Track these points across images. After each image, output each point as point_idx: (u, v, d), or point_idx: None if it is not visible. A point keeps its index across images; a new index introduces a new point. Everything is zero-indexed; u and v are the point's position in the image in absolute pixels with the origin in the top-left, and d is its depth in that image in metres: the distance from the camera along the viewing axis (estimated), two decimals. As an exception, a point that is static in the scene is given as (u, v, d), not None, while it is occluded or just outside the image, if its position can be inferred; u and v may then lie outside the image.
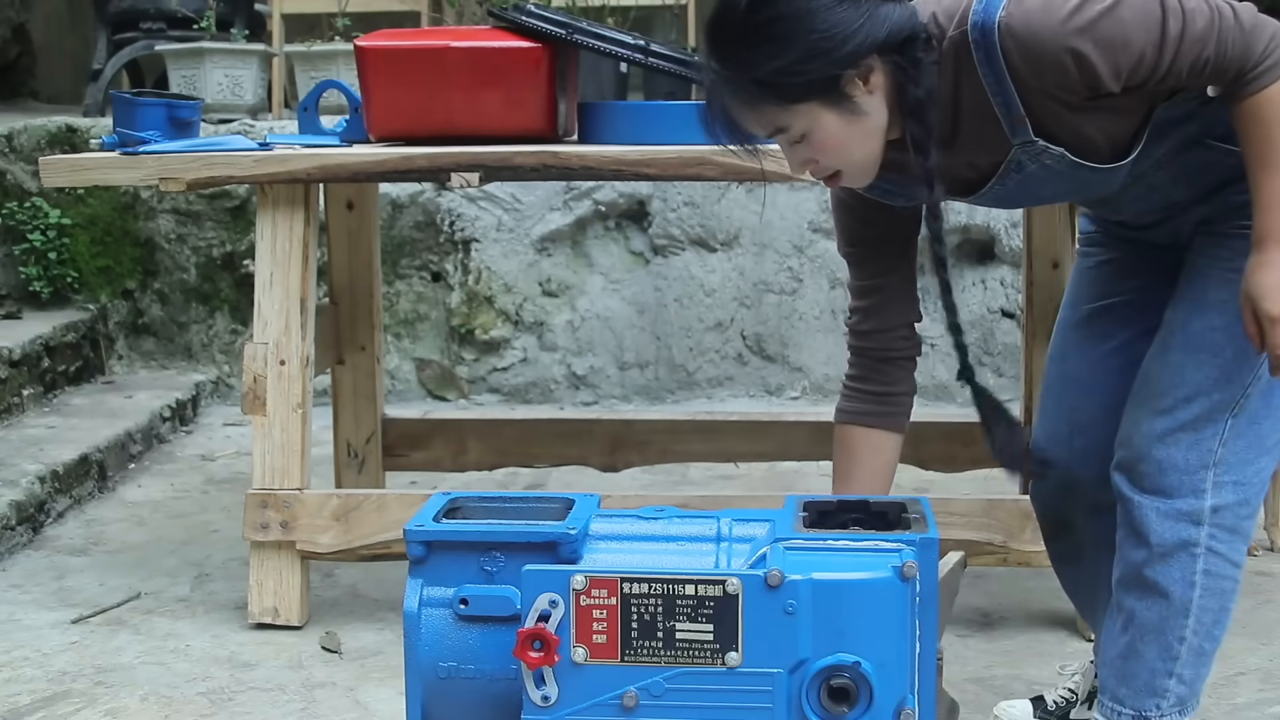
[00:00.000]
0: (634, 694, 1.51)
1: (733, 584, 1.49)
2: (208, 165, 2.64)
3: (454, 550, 1.62)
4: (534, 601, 1.52)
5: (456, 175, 2.58)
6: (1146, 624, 1.88)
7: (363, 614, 2.78)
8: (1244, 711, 2.31)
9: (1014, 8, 1.65)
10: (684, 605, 1.51)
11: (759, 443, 3.33)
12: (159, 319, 4.76)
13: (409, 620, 1.60)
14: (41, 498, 3.37)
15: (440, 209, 4.66)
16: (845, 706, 1.50)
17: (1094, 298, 2.08)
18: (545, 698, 1.52)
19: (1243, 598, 2.82)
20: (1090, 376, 2.07)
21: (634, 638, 1.51)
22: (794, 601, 1.48)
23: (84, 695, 2.42)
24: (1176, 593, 1.88)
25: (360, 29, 4.54)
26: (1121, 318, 2.04)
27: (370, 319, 3.26)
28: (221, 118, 4.68)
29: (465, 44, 2.71)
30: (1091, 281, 2.09)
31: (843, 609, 1.50)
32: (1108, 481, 1.92)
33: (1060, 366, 2.14)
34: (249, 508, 2.68)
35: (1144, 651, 1.89)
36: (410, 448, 3.31)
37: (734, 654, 1.50)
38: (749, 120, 1.69)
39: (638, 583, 1.51)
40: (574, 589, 1.51)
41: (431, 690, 1.60)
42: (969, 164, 1.81)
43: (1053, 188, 1.84)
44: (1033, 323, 3.18)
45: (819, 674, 1.50)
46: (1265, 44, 1.66)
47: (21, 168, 4.67)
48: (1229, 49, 1.65)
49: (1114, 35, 1.63)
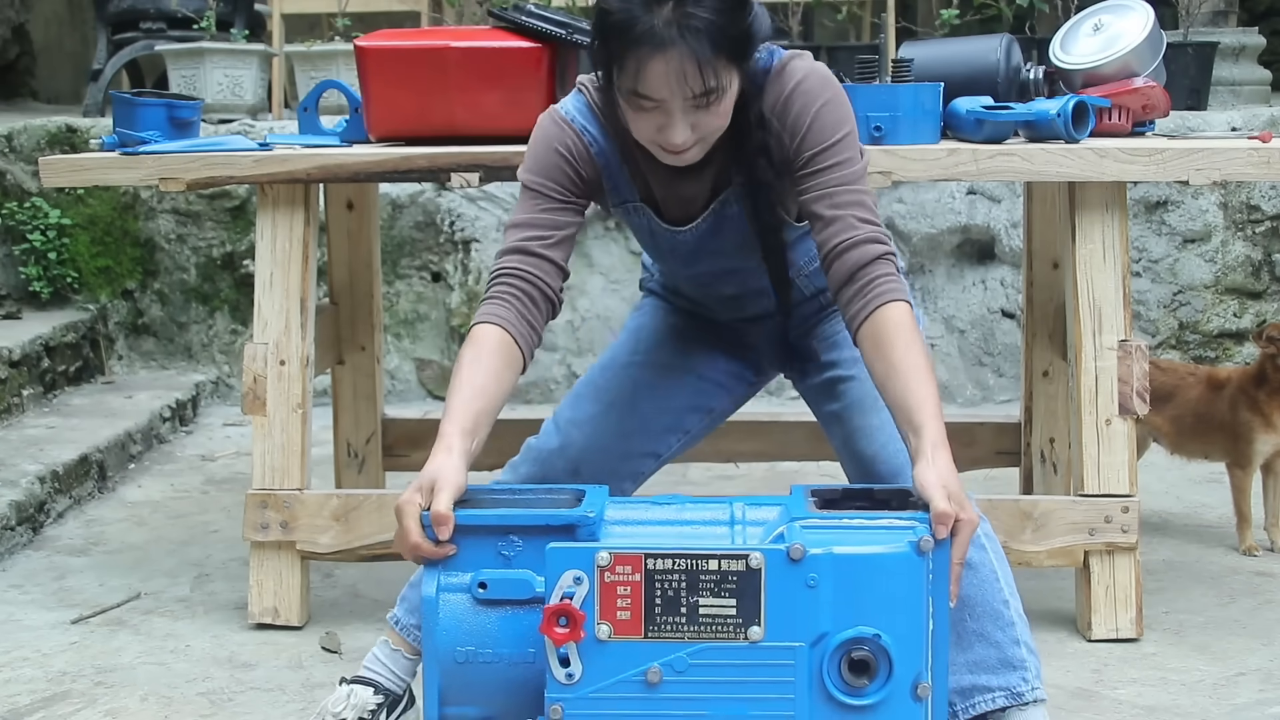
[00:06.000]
0: (658, 670, 1.53)
1: (755, 558, 1.52)
2: (208, 165, 2.64)
3: (472, 535, 1.64)
4: (558, 579, 1.54)
5: (456, 175, 2.58)
6: (968, 600, 1.89)
7: (363, 614, 2.78)
8: (1244, 712, 2.31)
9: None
10: (707, 580, 1.53)
11: (759, 443, 3.32)
12: (159, 319, 4.76)
13: (427, 606, 1.62)
14: (41, 498, 3.37)
15: (440, 209, 4.66)
16: (866, 679, 1.52)
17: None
18: (570, 675, 1.54)
19: (1243, 597, 2.83)
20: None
21: (658, 614, 1.54)
22: (815, 575, 1.52)
23: (84, 695, 2.41)
24: (974, 557, 1.90)
25: (360, 29, 4.54)
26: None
27: (370, 319, 3.26)
28: (221, 118, 4.68)
29: (465, 44, 2.71)
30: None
31: (862, 582, 1.52)
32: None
33: None
34: (249, 508, 2.67)
35: (981, 629, 1.90)
36: (410, 448, 3.31)
37: (756, 628, 1.53)
38: (695, 73, 1.74)
39: (662, 559, 1.54)
40: (599, 565, 1.54)
41: (449, 675, 1.60)
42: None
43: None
44: (1033, 323, 3.19)
45: (840, 647, 1.52)
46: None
47: (21, 168, 4.67)
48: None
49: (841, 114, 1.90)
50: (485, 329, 1.88)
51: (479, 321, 1.90)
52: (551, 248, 1.95)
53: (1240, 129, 4.33)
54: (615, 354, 2.25)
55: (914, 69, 2.65)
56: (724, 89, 1.78)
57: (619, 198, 2.04)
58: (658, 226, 2.06)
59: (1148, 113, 2.73)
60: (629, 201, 2.05)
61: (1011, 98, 2.74)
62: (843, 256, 1.85)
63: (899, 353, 1.76)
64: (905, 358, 1.75)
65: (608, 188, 2.03)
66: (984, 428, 3.27)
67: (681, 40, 1.72)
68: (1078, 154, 2.51)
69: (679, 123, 1.79)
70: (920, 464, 1.67)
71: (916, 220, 4.57)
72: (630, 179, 2.02)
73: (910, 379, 1.74)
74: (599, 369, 2.23)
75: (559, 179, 1.97)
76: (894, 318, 1.79)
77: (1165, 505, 3.49)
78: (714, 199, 2.01)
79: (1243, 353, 4.51)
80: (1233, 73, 4.95)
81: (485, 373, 1.84)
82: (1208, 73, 4.62)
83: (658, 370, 2.20)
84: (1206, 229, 4.53)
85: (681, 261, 2.13)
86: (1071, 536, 2.57)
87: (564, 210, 1.97)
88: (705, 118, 1.80)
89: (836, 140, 1.89)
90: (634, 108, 1.81)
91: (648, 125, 1.82)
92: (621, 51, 1.76)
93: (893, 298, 1.81)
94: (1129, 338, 2.58)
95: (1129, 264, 2.61)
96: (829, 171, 1.88)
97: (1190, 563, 3.06)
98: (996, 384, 4.58)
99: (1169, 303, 4.56)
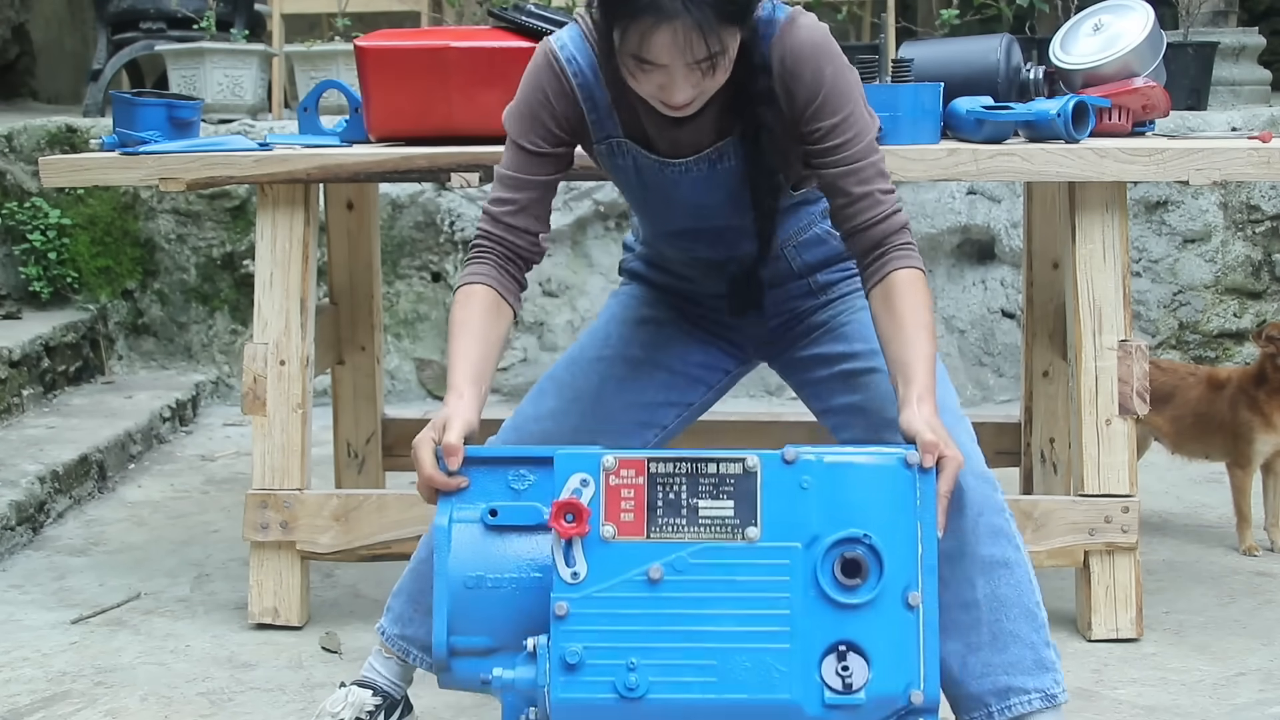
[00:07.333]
0: (659, 568, 1.61)
1: (752, 460, 1.63)
2: (208, 165, 2.64)
3: (482, 467, 1.72)
4: (566, 481, 1.63)
5: (456, 175, 2.58)
6: (1005, 600, 1.88)
7: (363, 614, 2.78)
8: (1244, 712, 2.31)
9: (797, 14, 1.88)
10: (707, 483, 1.63)
11: (759, 443, 3.32)
12: (159, 319, 4.76)
13: (439, 534, 1.69)
14: (41, 498, 3.37)
15: (440, 209, 4.66)
16: (858, 579, 1.59)
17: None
18: (575, 574, 1.61)
19: (1243, 598, 2.83)
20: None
21: (659, 515, 1.62)
22: (809, 477, 1.62)
23: (84, 695, 2.41)
24: (1011, 556, 1.91)
25: (360, 29, 4.54)
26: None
27: (370, 319, 3.26)
28: (221, 118, 4.68)
29: (465, 44, 2.71)
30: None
31: (853, 488, 1.62)
32: None
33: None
34: (249, 508, 2.67)
35: (1016, 630, 1.89)
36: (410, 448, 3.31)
37: (753, 529, 1.61)
38: (700, 40, 1.73)
39: (663, 462, 1.64)
40: (604, 468, 1.64)
41: (458, 600, 1.67)
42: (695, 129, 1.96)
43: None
44: (1033, 323, 3.19)
45: (833, 548, 1.60)
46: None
47: (21, 168, 4.67)
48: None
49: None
50: (471, 288, 1.95)
51: (464, 283, 1.96)
52: (524, 213, 1.98)
53: (1240, 129, 4.33)
54: (583, 349, 2.21)
55: (914, 69, 2.65)
56: (726, 51, 1.77)
57: (602, 133, 2.00)
58: (645, 162, 2.00)
59: (1148, 113, 2.73)
60: (612, 137, 2.00)
61: (1011, 98, 2.74)
62: (870, 230, 1.90)
63: (907, 312, 1.84)
64: (913, 316, 1.84)
65: (591, 122, 1.99)
66: (984, 428, 3.24)
67: (685, 11, 1.70)
68: (1078, 154, 2.51)
69: (681, 84, 1.78)
70: (906, 409, 1.75)
71: (916, 220, 4.56)
72: (617, 116, 1.98)
73: (914, 336, 1.82)
74: (564, 365, 2.19)
75: (538, 130, 1.97)
76: (906, 278, 1.87)
77: (1165, 505, 3.49)
78: (711, 147, 1.98)
79: (1243, 353, 4.51)
80: (1233, 73, 4.95)
81: (479, 327, 1.91)
82: (1208, 73, 4.62)
83: (627, 365, 2.17)
84: (1206, 229, 4.53)
85: (665, 207, 2.08)
86: (1071, 536, 2.57)
87: (544, 161, 1.98)
88: (707, 79, 1.79)
89: (851, 110, 1.89)
90: (635, 69, 1.79)
91: (649, 84, 1.80)
92: (624, 18, 1.74)
93: (908, 263, 1.88)
94: (1129, 338, 2.58)
95: (1129, 264, 2.61)
96: (849, 146, 1.88)
97: (1190, 563, 3.06)
98: (996, 384, 4.58)
99: (1169, 303, 4.56)
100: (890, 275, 1.87)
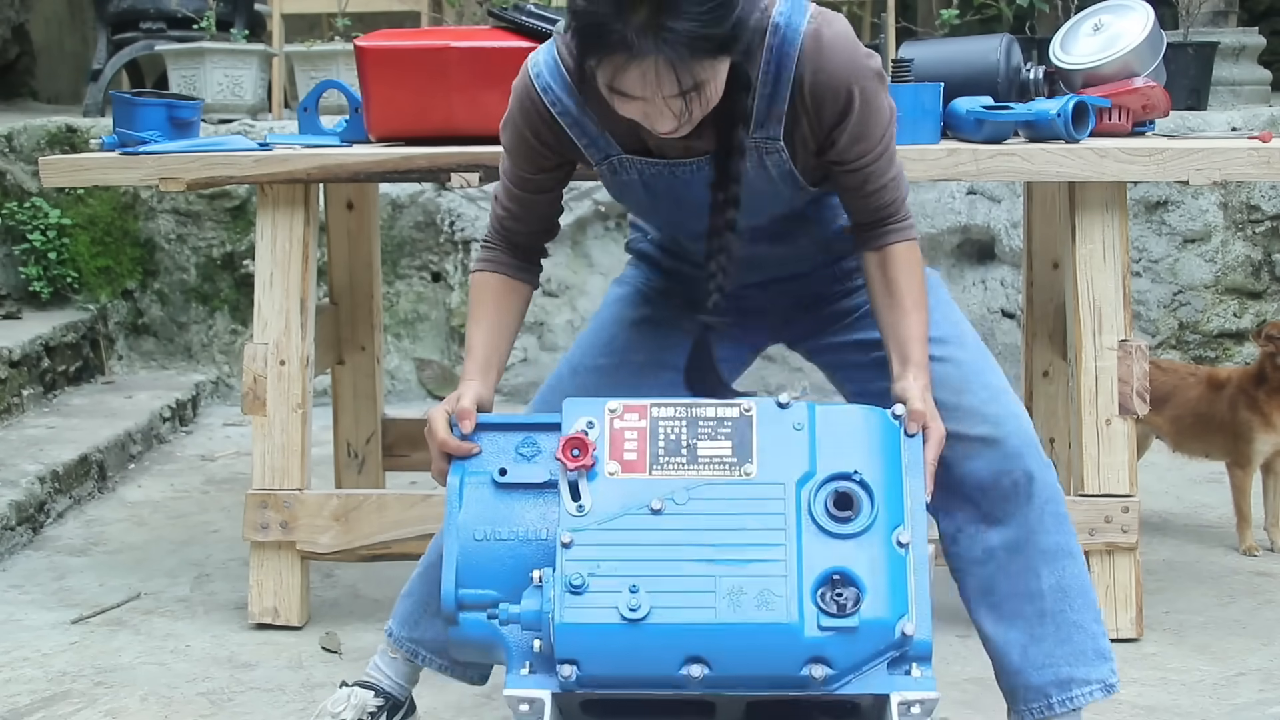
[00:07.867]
0: (660, 501, 1.67)
1: (748, 405, 1.73)
2: (208, 165, 2.64)
3: (496, 432, 1.79)
4: (573, 423, 1.72)
5: (456, 175, 2.58)
6: (1070, 590, 1.90)
7: (363, 614, 2.78)
8: (1244, 712, 2.31)
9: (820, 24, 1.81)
10: (706, 425, 1.72)
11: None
12: (159, 319, 4.76)
13: (451, 493, 1.75)
14: (41, 498, 3.37)
15: (440, 209, 4.66)
16: (850, 512, 1.66)
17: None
18: (580, 508, 1.68)
19: (1243, 598, 2.83)
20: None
21: (661, 454, 1.71)
22: (801, 420, 1.70)
23: (84, 695, 2.42)
24: (1075, 547, 1.93)
25: (360, 29, 4.54)
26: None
27: (370, 319, 3.26)
28: (221, 118, 4.68)
29: (465, 44, 2.71)
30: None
31: (843, 432, 1.70)
32: None
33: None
34: (249, 508, 2.68)
35: (1080, 620, 1.90)
36: (410, 448, 3.31)
37: (750, 465, 1.69)
38: (672, 78, 1.65)
39: (665, 407, 1.74)
40: (609, 411, 1.73)
41: (467, 553, 1.72)
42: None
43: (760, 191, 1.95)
44: (1033, 323, 3.19)
45: (825, 484, 1.67)
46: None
47: (21, 168, 4.67)
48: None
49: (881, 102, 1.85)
50: (484, 275, 2.01)
51: (474, 270, 2.02)
52: (532, 215, 2.00)
53: (1240, 129, 4.33)
54: (584, 355, 2.15)
55: (914, 69, 2.65)
56: (709, 82, 1.69)
57: (600, 154, 1.93)
58: (652, 170, 1.92)
59: (1148, 113, 2.73)
60: (611, 156, 1.93)
61: (1011, 98, 2.74)
62: (870, 199, 1.91)
63: (902, 282, 1.89)
64: (910, 295, 1.88)
65: (583, 146, 1.93)
66: (984, 428, 3.27)
67: (657, 50, 1.62)
68: (1078, 154, 2.51)
69: (663, 113, 1.71)
70: (900, 381, 1.83)
71: (917, 220, 4.54)
72: (609, 135, 1.91)
73: (909, 309, 1.87)
74: (568, 374, 2.14)
75: (532, 158, 1.95)
76: (902, 251, 1.91)
77: (1165, 505, 3.50)
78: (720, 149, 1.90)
79: (1243, 353, 4.51)
80: (1233, 73, 4.95)
81: (489, 313, 1.98)
82: (1208, 73, 4.62)
83: (630, 371, 2.11)
84: (1206, 229, 4.53)
85: (677, 210, 1.99)
86: (1071, 536, 2.57)
87: (542, 180, 1.98)
88: (693, 106, 1.71)
89: (881, 134, 1.87)
90: (614, 98, 1.72)
91: (631, 111, 1.73)
92: (596, 51, 1.67)
93: (907, 236, 1.92)
94: (1129, 338, 2.58)
95: (1129, 264, 2.61)
96: (876, 162, 1.88)
97: (1190, 563, 3.06)
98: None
99: (1169, 303, 4.57)
100: (889, 248, 1.91)
